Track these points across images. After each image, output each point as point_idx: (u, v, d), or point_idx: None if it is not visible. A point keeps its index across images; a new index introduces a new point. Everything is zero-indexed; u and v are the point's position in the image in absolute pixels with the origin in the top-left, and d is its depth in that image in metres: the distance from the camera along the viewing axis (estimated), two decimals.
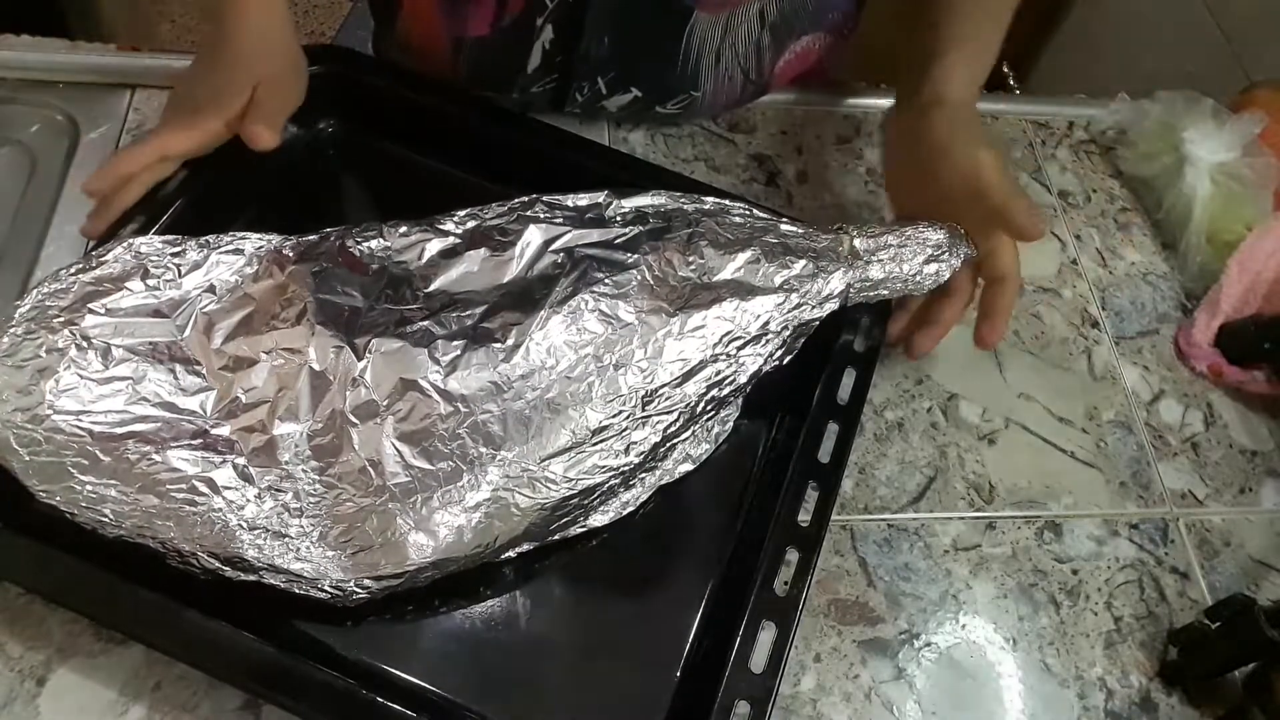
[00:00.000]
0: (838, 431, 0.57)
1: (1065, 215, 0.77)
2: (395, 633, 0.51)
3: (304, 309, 0.53)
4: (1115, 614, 0.59)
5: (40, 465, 0.47)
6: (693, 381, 0.54)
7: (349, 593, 0.48)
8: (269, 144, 0.58)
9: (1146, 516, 0.63)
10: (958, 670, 0.56)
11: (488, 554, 0.50)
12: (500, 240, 0.57)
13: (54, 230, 0.63)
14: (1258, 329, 0.68)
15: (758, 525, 0.54)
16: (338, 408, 0.51)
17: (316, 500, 0.49)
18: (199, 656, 0.47)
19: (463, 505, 0.49)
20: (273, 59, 0.60)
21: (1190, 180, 0.74)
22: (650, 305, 0.55)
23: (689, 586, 0.54)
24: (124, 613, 0.47)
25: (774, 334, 0.56)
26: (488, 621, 0.52)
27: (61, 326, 0.50)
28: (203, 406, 0.50)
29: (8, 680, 0.49)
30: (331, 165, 0.68)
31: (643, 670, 0.52)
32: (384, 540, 0.48)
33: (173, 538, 0.47)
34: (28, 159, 0.67)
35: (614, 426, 0.52)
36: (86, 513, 0.47)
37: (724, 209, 0.60)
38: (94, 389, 0.49)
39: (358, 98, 0.67)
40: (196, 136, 0.57)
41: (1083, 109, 0.83)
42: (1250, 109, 0.76)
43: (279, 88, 0.60)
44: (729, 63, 0.70)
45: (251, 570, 0.47)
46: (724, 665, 0.48)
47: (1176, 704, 0.56)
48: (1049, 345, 0.69)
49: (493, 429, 0.51)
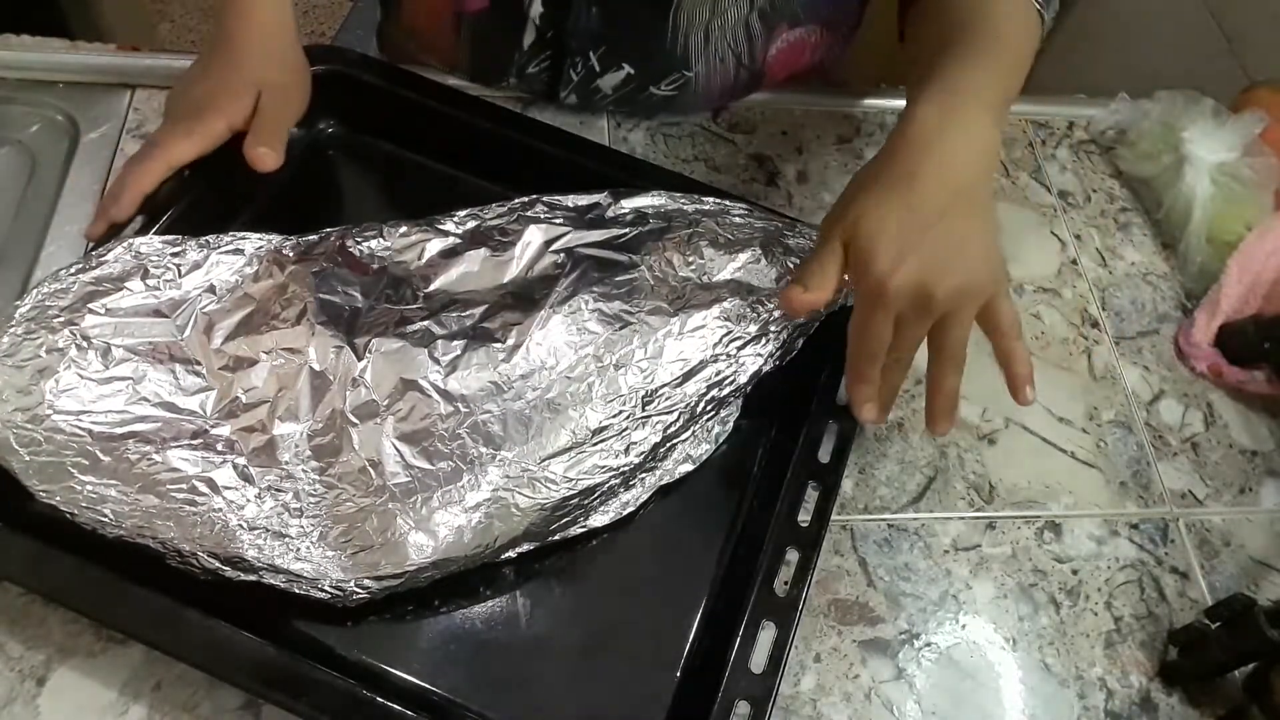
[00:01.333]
0: (838, 430, 0.57)
1: (1065, 215, 0.77)
2: (395, 632, 0.51)
3: (304, 309, 0.53)
4: (1115, 614, 0.59)
5: (40, 465, 0.47)
6: (693, 381, 0.54)
7: (349, 593, 0.48)
8: (273, 166, 0.58)
9: (1146, 516, 0.63)
10: (958, 670, 0.56)
11: (488, 554, 0.50)
12: (500, 240, 0.57)
13: (54, 230, 0.63)
14: (1258, 329, 0.68)
15: (758, 525, 0.54)
16: (338, 407, 0.51)
17: (316, 500, 0.49)
18: (199, 656, 0.47)
19: (463, 505, 0.49)
20: (276, 63, 0.61)
21: (1190, 180, 0.74)
22: (650, 305, 0.55)
23: (689, 586, 0.54)
24: (124, 612, 0.47)
25: (774, 334, 0.56)
26: (488, 621, 0.52)
27: (62, 326, 0.50)
28: (203, 406, 0.50)
29: (8, 680, 0.49)
30: (330, 165, 0.68)
31: (643, 670, 0.52)
32: (384, 540, 0.48)
33: (173, 538, 0.47)
34: (28, 159, 0.67)
35: (614, 426, 0.52)
36: (86, 512, 0.47)
37: (724, 209, 0.60)
38: (94, 389, 0.49)
39: (356, 98, 0.67)
40: (199, 141, 0.57)
41: (1083, 109, 0.83)
42: (1250, 109, 0.76)
43: (283, 96, 0.60)
44: (718, 42, 0.70)
45: (251, 570, 0.47)
46: (724, 665, 0.48)
47: (1176, 704, 0.56)
48: (1049, 345, 0.69)
49: (493, 429, 0.51)
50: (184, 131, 0.57)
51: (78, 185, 0.65)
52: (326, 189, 0.68)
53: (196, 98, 0.59)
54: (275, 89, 0.60)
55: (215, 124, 0.57)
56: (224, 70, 0.59)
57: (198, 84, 0.59)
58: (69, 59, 0.70)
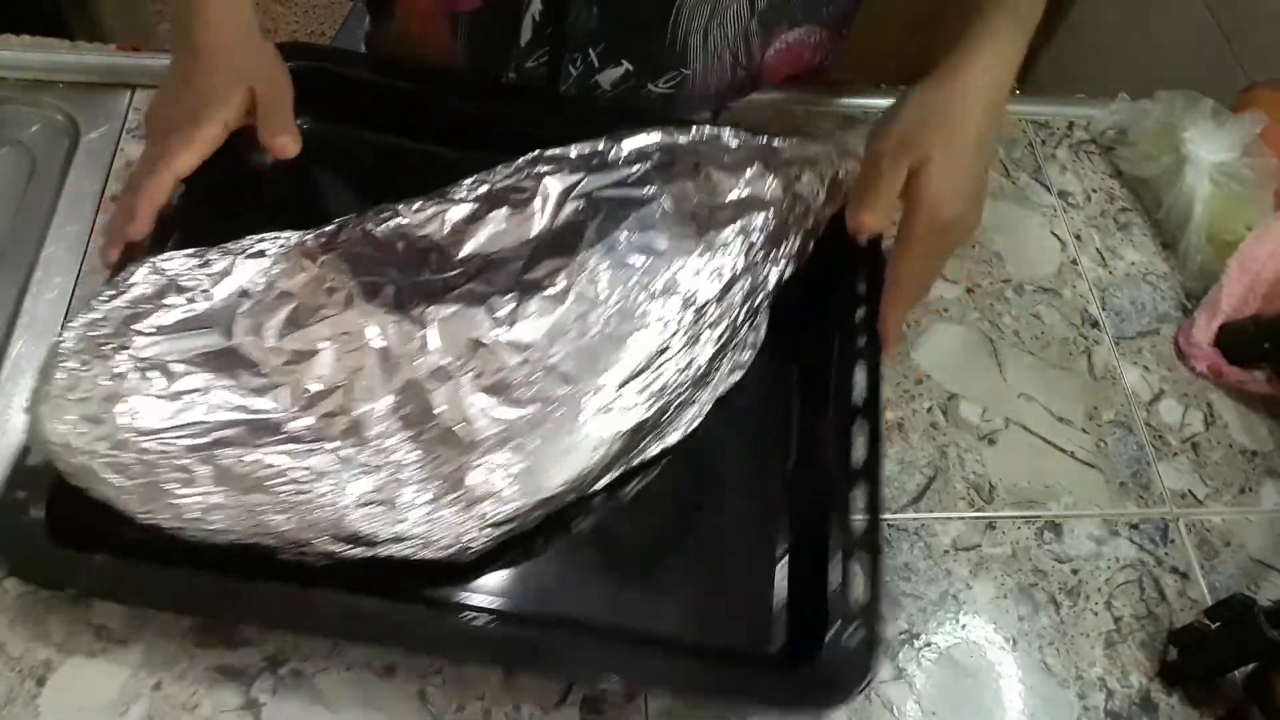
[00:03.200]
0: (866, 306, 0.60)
1: (1065, 215, 0.77)
2: (511, 577, 0.53)
3: (349, 294, 0.54)
4: (1115, 614, 0.59)
5: (135, 488, 0.47)
6: (731, 292, 0.57)
7: (464, 546, 0.49)
8: (295, 150, 0.58)
9: (1146, 516, 0.63)
10: (958, 670, 0.56)
11: (584, 485, 0.53)
12: (517, 198, 0.59)
13: (54, 230, 0.63)
14: (1258, 329, 0.68)
15: (816, 417, 0.59)
16: (412, 378, 0.53)
17: (418, 466, 0.51)
18: (368, 632, 0.48)
19: (556, 443, 0.52)
20: (256, 59, 0.60)
21: (1190, 180, 0.74)
22: (678, 231, 0.58)
23: (765, 482, 0.59)
24: (256, 608, 0.48)
25: (790, 239, 0.59)
26: (592, 550, 0.55)
27: (114, 353, 0.50)
28: (277, 403, 0.51)
29: (8, 680, 0.49)
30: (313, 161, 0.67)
31: (746, 561, 0.56)
32: (490, 489, 0.50)
33: (289, 530, 0.48)
34: (28, 159, 0.67)
35: (674, 346, 0.55)
36: (193, 525, 0.47)
37: (716, 134, 0.62)
38: (167, 406, 0.49)
39: (325, 91, 0.66)
40: (200, 148, 0.57)
41: (1083, 109, 0.83)
42: (1250, 109, 0.76)
43: (276, 84, 0.60)
44: (717, 42, 0.70)
45: (370, 544, 0.48)
46: (823, 571, 0.52)
47: (1176, 704, 0.56)
48: (1049, 345, 0.69)
49: (566, 368, 0.54)
50: (183, 140, 0.56)
51: (78, 185, 0.65)
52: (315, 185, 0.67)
53: (186, 107, 0.58)
54: (265, 81, 0.59)
55: (212, 128, 0.57)
56: (206, 76, 0.58)
57: (180, 95, 0.59)
58: (69, 59, 0.70)
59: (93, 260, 0.62)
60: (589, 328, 0.55)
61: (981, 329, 0.69)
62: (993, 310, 0.70)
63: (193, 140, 0.57)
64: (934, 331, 0.68)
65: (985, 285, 0.71)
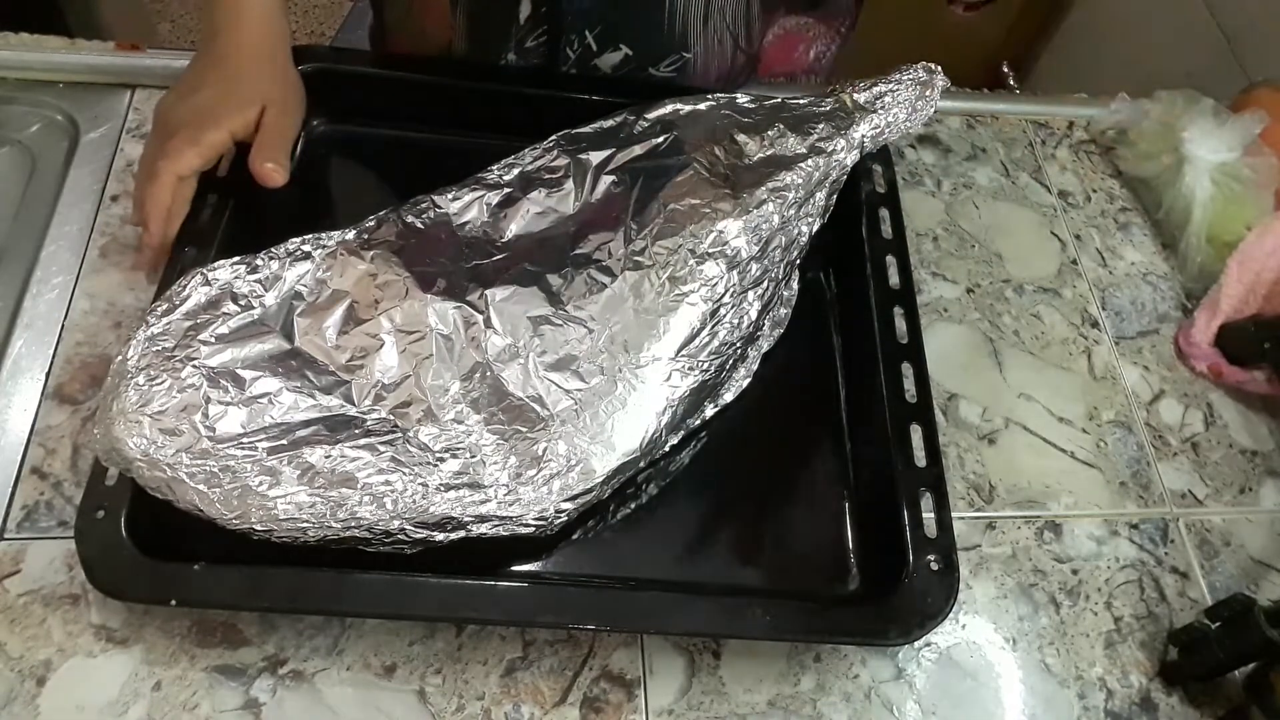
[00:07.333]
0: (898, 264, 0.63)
1: (1065, 215, 0.77)
2: (592, 545, 0.55)
3: (404, 287, 0.55)
4: (1115, 614, 0.59)
5: (223, 495, 0.48)
6: (770, 249, 0.58)
7: (550, 519, 0.51)
8: (280, 181, 0.58)
9: (1146, 516, 0.63)
10: (958, 670, 0.56)
11: (654, 450, 0.55)
12: (551, 178, 0.60)
13: (54, 230, 0.63)
14: (1258, 329, 0.68)
15: (861, 360, 0.62)
16: (479, 360, 0.53)
17: (496, 446, 0.51)
18: (481, 610, 0.50)
19: (625, 411, 0.53)
20: (278, 79, 0.61)
21: (1190, 180, 0.74)
22: (714, 194, 0.59)
23: (821, 430, 0.62)
24: (368, 599, 0.49)
25: (817, 195, 0.61)
26: (667, 511, 0.57)
27: (182, 365, 0.50)
28: (349, 399, 0.52)
29: (8, 680, 0.49)
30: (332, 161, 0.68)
31: (813, 508, 0.59)
32: (570, 462, 0.51)
33: (379, 520, 0.49)
34: (28, 159, 0.67)
35: (725, 305, 0.56)
36: (284, 525, 0.48)
37: (731, 99, 0.64)
38: (242, 412, 0.50)
39: (337, 91, 0.67)
40: (205, 151, 0.57)
41: (1083, 109, 0.83)
42: (1250, 109, 0.76)
43: (285, 111, 0.61)
44: (717, 24, 0.71)
45: (460, 526, 0.50)
46: (891, 489, 0.55)
47: (1176, 704, 0.56)
48: (1049, 345, 0.69)
49: (625, 337, 0.55)
50: (188, 140, 0.56)
51: (78, 185, 0.65)
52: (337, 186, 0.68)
53: (197, 107, 0.58)
54: (276, 104, 0.59)
55: (219, 134, 0.57)
56: (225, 84, 0.58)
57: (196, 94, 0.59)
58: (69, 59, 0.70)
59: (93, 260, 0.62)
60: (643, 295, 0.56)
61: (981, 329, 0.69)
62: (993, 310, 0.70)
63: (198, 141, 0.57)
64: (934, 331, 0.68)
65: (985, 285, 0.71)
